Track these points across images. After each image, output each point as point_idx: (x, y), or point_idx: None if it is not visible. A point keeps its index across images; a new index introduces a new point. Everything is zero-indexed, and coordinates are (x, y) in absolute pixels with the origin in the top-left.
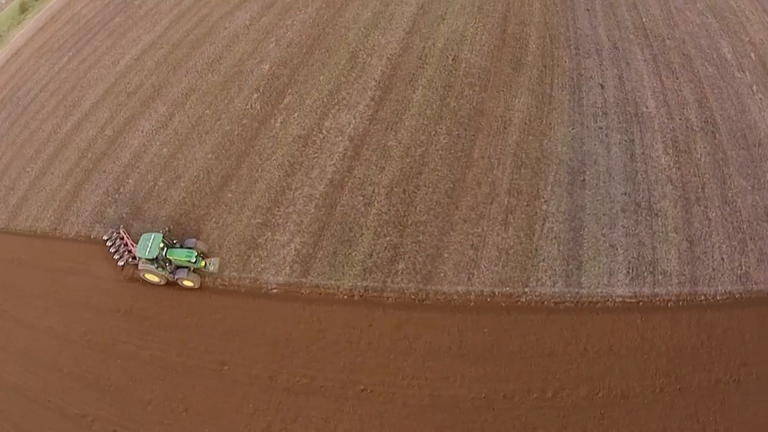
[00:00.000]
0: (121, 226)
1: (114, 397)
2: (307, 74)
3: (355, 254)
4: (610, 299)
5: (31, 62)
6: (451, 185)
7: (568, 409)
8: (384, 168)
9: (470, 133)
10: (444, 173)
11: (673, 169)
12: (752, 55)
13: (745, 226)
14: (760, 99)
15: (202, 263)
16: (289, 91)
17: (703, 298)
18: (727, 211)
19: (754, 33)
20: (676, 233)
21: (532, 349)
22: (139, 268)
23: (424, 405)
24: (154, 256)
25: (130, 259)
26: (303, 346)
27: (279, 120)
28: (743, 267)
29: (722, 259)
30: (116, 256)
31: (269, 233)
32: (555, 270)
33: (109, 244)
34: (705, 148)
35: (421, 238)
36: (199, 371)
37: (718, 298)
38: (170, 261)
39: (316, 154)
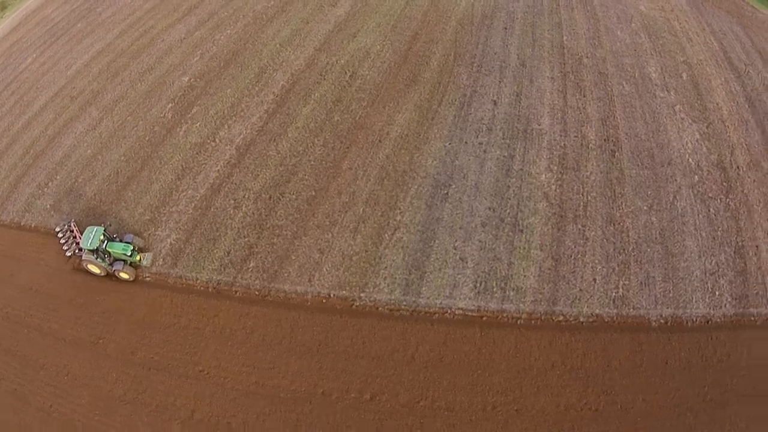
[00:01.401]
0: (72, 219)
1: (19, 361)
2: (217, 87)
3: (216, 251)
4: (449, 311)
5: (1, 61)
6: (314, 193)
7: (384, 413)
8: (258, 175)
9: (345, 145)
10: (310, 182)
11: (553, 186)
12: (684, 75)
13: (630, 248)
14: (682, 119)
15: (137, 257)
16: (199, 102)
17: (561, 318)
18: (610, 231)
19: (693, 54)
20: (541, 250)
21: (357, 352)
22: (83, 258)
23: (250, 391)
24: (95, 248)
25: (77, 251)
26: (161, 328)
27: (183, 128)
28: (620, 289)
29: (594, 279)
30: (65, 247)
31: (153, 229)
32: (395, 278)
33: (60, 235)
34: (598, 166)
35: (275, 240)
36: (81, 343)
37: (581, 320)
38: (109, 253)
39: (206, 161)
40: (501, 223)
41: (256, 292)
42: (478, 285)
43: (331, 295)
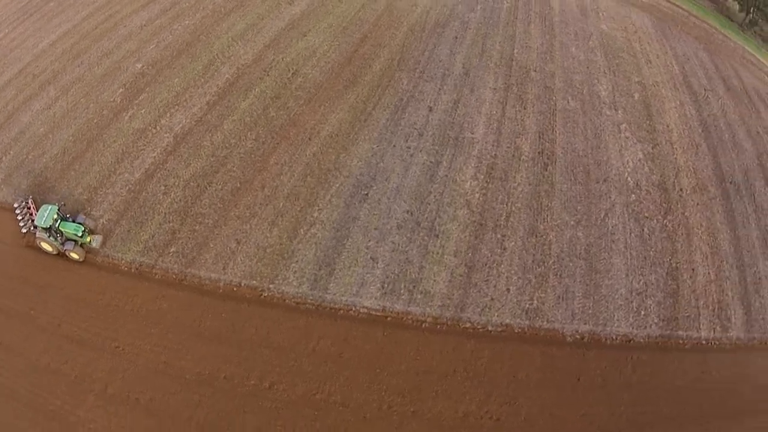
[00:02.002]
0: (30, 196)
1: None
2: (167, 76)
3: (142, 234)
4: (354, 309)
5: None
6: (239, 185)
7: (281, 402)
8: (190, 164)
9: (276, 141)
10: (237, 174)
11: (477, 195)
12: (636, 95)
13: (551, 261)
14: (626, 138)
15: (88, 239)
16: (147, 89)
17: (468, 325)
18: (531, 243)
19: (650, 75)
20: (455, 257)
21: (261, 340)
22: (36, 236)
23: (159, 370)
24: (48, 226)
25: (32, 228)
26: (86, 305)
27: (129, 114)
28: (535, 302)
29: (508, 290)
30: (21, 224)
31: (89, 209)
32: (305, 272)
33: (17, 212)
34: (528, 178)
35: (197, 227)
36: (16, 315)
37: (489, 328)
38: (62, 233)
39: (144, 147)
40: (417, 227)
41: (174, 276)
42: (386, 285)
43: (242, 284)
